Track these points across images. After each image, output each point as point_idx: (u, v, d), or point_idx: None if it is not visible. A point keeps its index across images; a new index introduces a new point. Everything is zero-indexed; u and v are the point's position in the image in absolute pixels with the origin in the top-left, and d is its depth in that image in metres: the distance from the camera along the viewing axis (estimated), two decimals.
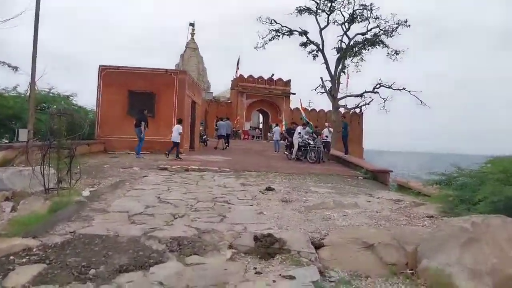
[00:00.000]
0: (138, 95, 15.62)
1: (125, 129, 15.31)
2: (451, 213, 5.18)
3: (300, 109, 18.06)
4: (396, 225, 4.79)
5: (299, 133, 15.93)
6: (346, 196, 7.20)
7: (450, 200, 5.59)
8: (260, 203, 5.89)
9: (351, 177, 11.63)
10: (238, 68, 38.45)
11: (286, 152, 16.77)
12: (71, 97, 17.06)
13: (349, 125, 16.52)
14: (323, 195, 7.12)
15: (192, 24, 49.68)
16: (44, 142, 6.59)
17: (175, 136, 13.58)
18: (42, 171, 6.30)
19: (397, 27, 28.53)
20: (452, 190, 5.71)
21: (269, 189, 7.44)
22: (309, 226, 4.57)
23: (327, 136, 16.90)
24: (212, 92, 48.08)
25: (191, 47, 49.44)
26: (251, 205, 5.66)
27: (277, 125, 22.83)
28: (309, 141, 15.68)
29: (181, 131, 13.92)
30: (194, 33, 50.03)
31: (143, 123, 13.65)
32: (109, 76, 15.76)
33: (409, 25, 28.49)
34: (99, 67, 15.85)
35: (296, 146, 15.85)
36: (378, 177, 11.86)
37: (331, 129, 17.10)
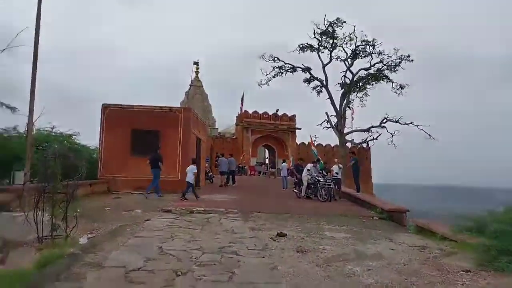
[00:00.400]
0: (142, 134, 15.31)
1: (128, 168, 14.91)
2: (491, 267, 4.56)
3: (312, 145, 17.58)
4: (429, 283, 4.17)
5: (308, 170, 15.38)
6: (366, 243, 6.58)
7: (485, 250, 4.98)
8: (273, 254, 5.30)
9: (366, 218, 10.96)
10: (242, 104, 38.53)
11: (295, 190, 16.17)
12: (73, 136, 16.81)
13: (357, 161, 15.97)
14: (341, 242, 6.51)
15: (196, 63, 50.51)
16: (38, 186, 6.15)
17: (189, 177, 13.18)
18: (35, 218, 5.83)
19: (399, 62, 28.63)
20: (486, 238, 5.10)
21: (281, 234, 6.85)
22: (332, 286, 3.98)
23: (337, 173, 16.31)
24: (217, 128, 48.09)
25: (196, 85, 50.01)
26: (263, 257, 5.07)
27: (284, 161, 22.33)
28: (319, 178, 15.11)
29: (195, 171, 13.63)
30: (198, 71, 50.78)
31: (160, 163, 13.62)
32: (112, 114, 15.54)
33: (412, 60, 28.60)
34: (102, 106, 15.66)
35: (305, 184, 15.28)
36: (394, 217, 11.17)
37: (341, 165, 16.55)
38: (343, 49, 28.43)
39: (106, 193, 14.10)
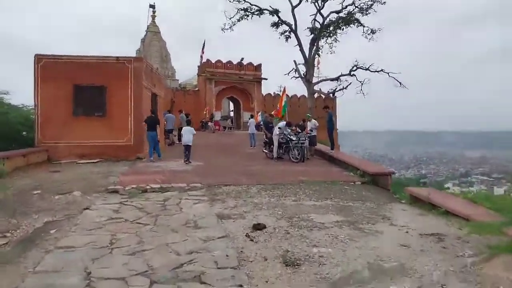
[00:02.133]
0: (85, 90, 12.96)
1: (71, 132, 12.72)
2: None
3: (281, 99, 15.79)
4: None
5: (280, 128, 13.80)
6: (365, 232, 5.17)
7: None
8: (253, 275, 3.72)
9: (348, 183, 9.67)
10: (203, 53, 35.63)
11: (265, 150, 14.63)
12: (2, 95, 14.07)
13: (333, 115, 14.51)
14: (335, 235, 5.04)
15: (152, 6, 46.06)
16: None
17: (187, 139, 12.49)
18: None
19: (372, 4, 26.69)
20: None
21: (258, 227, 5.29)
22: None
23: (311, 130, 14.85)
24: (178, 80, 45.03)
25: (153, 31, 45.96)
26: (240, 286, 3.46)
27: (251, 116, 20.56)
28: (291, 137, 13.60)
29: (194, 132, 13.18)
30: (155, 16, 46.53)
31: (157, 125, 13.08)
32: (48, 67, 12.94)
33: (385, 2, 26.74)
34: (34, 57, 12.98)
35: (276, 144, 13.75)
36: (378, 180, 9.97)
37: (316, 123, 15.03)
38: None
39: (46, 163, 11.95)
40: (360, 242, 4.76)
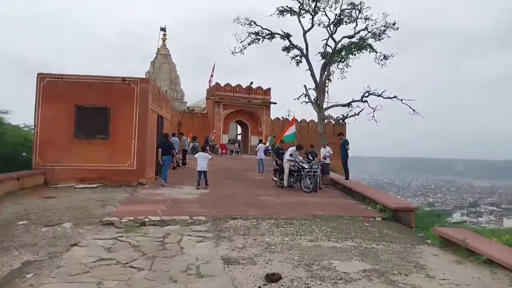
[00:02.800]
0: (88, 111, 12.35)
1: (71, 155, 12.05)
2: None
3: (292, 124, 15.00)
4: None
5: (291, 155, 13.02)
6: (399, 285, 4.29)
7: None
8: None
9: (367, 219, 8.79)
10: (212, 76, 35.35)
11: (274, 178, 13.80)
12: (2, 114, 13.51)
13: (348, 144, 13.67)
14: None
15: (163, 29, 46.60)
16: None
17: (200, 165, 12.26)
18: None
19: (384, 30, 26.27)
20: None
21: (272, 278, 4.43)
22: None
23: (325, 158, 14.05)
24: (186, 102, 44.84)
25: (163, 54, 46.24)
26: None
27: (260, 141, 19.84)
28: (303, 164, 12.79)
29: (210, 157, 13.12)
30: (165, 39, 46.96)
31: (173, 150, 13.29)
32: (50, 87, 12.40)
33: (397, 28, 26.32)
34: (37, 76, 12.49)
35: (287, 172, 12.94)
36: (401, 217, 9.07)
37: (331, 150, 14.21)
38: (325, 14, 25.68)
39: (42, 188, 11.23)
40: None
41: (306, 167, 12.69)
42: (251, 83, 34.32)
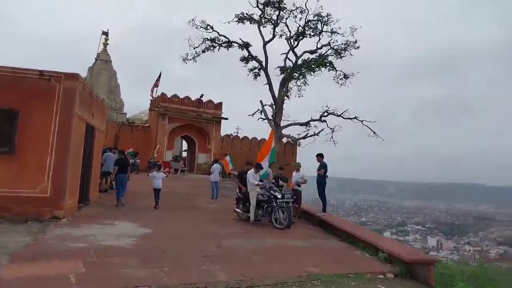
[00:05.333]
0: None
1: None
2: None
3: (270, 142, 12.22)
4: None
5: (261, 181, 10.41)
6: None
7: None
8: None
9: (376, 275, 6.39)
10: (157, 86, 31.81)
11: (237, 210, 11.03)
12: None
13: (326, 168, 11.32)
14: None
15: (105, 33, 42.43)
16: None
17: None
18: None
19: (345, 48, 24.93)
20: None
21: None
22: None
23: (298, 185, 11.56)
24: (125, 113, 40.67)
25: (103, 59, 41.98)
26: None
27: (216, 161, 16.90)
28: (276, 194, 10.20)
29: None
30: (107, 43, 42.80)
31: (129, 167, 12.73)
32: None
33: (358, 47, 25.11)
34: None
35: (253, 202, 10.25)
36: (417, 272, 6.75)
37: (304, 175, 11.74)
38: (287, 26, 23.80)
39: None
40: None
41: (279, 196, 10.12)
42: (202, 95, 31.43)
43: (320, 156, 11.32)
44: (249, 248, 7.46)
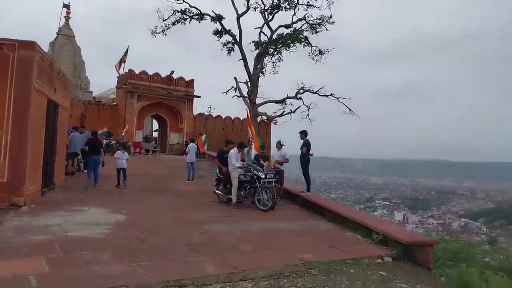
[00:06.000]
0: None
1: None
2: None
3: (249, 125, 11.44)
4: None
5: (243, 160, 9.75)
6: None
7: None
8: None
9: (374, 260, 5.96)
10: (125, 61, 29.94)
11: (217, 191, 10.34)
12: None
13: (309, 146, 10.77)
14: None
15: (67, 6, 39.48)
16: None
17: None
18: None
19: (320, 22, 24.15)
20: None
21: None
22: None
23: (280, 163, 10.98)
24: (91, 92, 38.52)
25: (65, 34, 39.24)
26: None
27: (192, 140, 16.02)
28: (259, 173, 9.57)
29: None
30: (69, 17, 39.96)
31: (101, 149, 11.91)
32: None
33: (333, 22, 24.39)
34: None
35: (235, 183, 9.60)
36: (415, 254, 6.36)
37: (286, 153, 11.13)
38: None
39: None
40: None
41: (263, 177, 9.50)
42: (172, 72, 29.99)
43: (303, 134, 10.74)
44: (236, 234, 6.82)
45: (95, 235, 6.13)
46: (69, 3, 39.73)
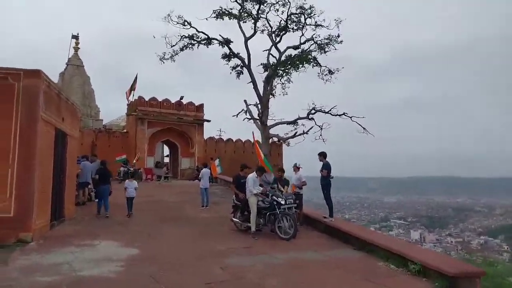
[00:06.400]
0: None
1: None
2: None
3: (256, 148, 11.03)
4: None
5: (261, 184, 9.22)
6: None
7: None
8: None
9: None
10: (134, 89, 30.04)
11: (234, 219, 9.78)
12: None
13: (330, 168, 10.22)
14: None
15: (75, 37, 40.19)
16: None
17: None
18: None
19: (328, 42, 23.93)
20: None
21: None
22: None
23: (300, 188, 10.40)
24: (101, 120, 38.63)
25: (74, 64, 39.75)
26: None
27: (205, 165, 15.54)
28: (279, 199, 9.01)
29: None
30: (78, 48, 40.58)
31: (110, 178, 11.87)
32: None
33: (341, 41, 24.14)
34: None
35: (254, 210, 9.03)
36: (460, 286, 5.68)
37: (302, 176, 10.54)
38: (267, 21, 22.63)
39: None
40: None
41: (282, 202, 8.93)
42: (182, 97, 29.91)
43: (322, 155, 10.18)
44: (259, 269, 6.22)
45: (107, 274, 5.59)
46: (78, 33, 40.45)
